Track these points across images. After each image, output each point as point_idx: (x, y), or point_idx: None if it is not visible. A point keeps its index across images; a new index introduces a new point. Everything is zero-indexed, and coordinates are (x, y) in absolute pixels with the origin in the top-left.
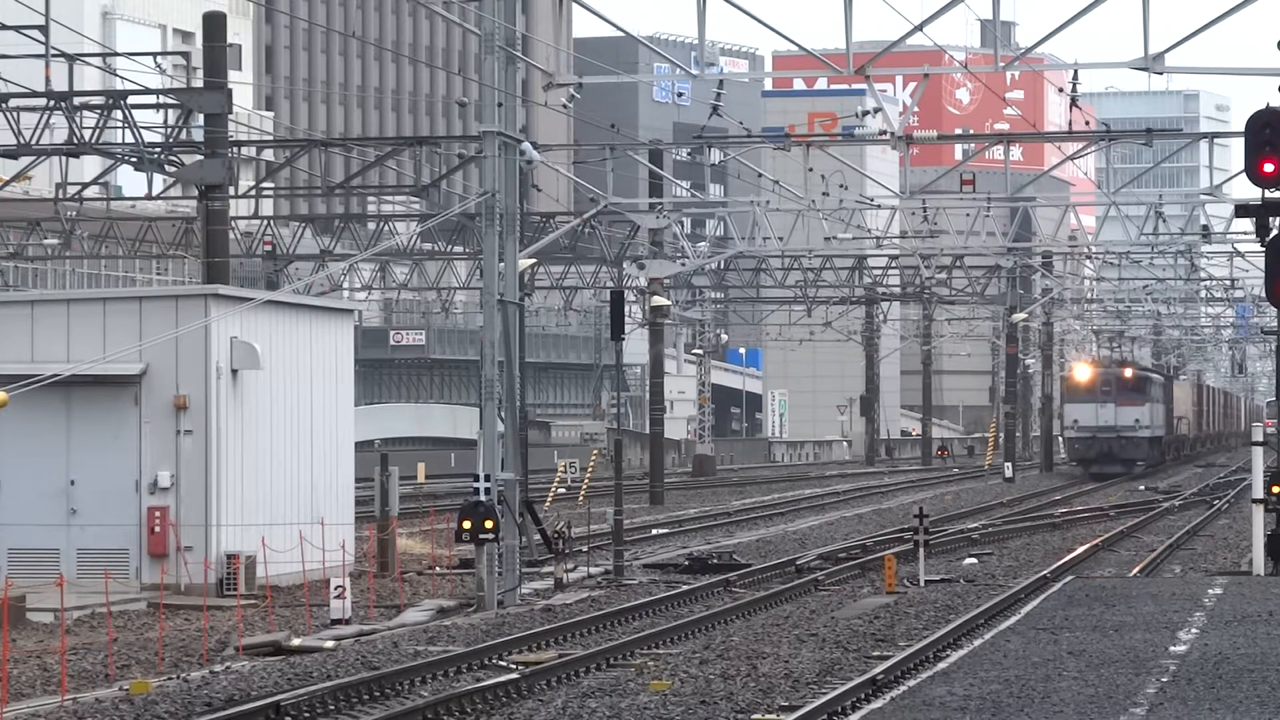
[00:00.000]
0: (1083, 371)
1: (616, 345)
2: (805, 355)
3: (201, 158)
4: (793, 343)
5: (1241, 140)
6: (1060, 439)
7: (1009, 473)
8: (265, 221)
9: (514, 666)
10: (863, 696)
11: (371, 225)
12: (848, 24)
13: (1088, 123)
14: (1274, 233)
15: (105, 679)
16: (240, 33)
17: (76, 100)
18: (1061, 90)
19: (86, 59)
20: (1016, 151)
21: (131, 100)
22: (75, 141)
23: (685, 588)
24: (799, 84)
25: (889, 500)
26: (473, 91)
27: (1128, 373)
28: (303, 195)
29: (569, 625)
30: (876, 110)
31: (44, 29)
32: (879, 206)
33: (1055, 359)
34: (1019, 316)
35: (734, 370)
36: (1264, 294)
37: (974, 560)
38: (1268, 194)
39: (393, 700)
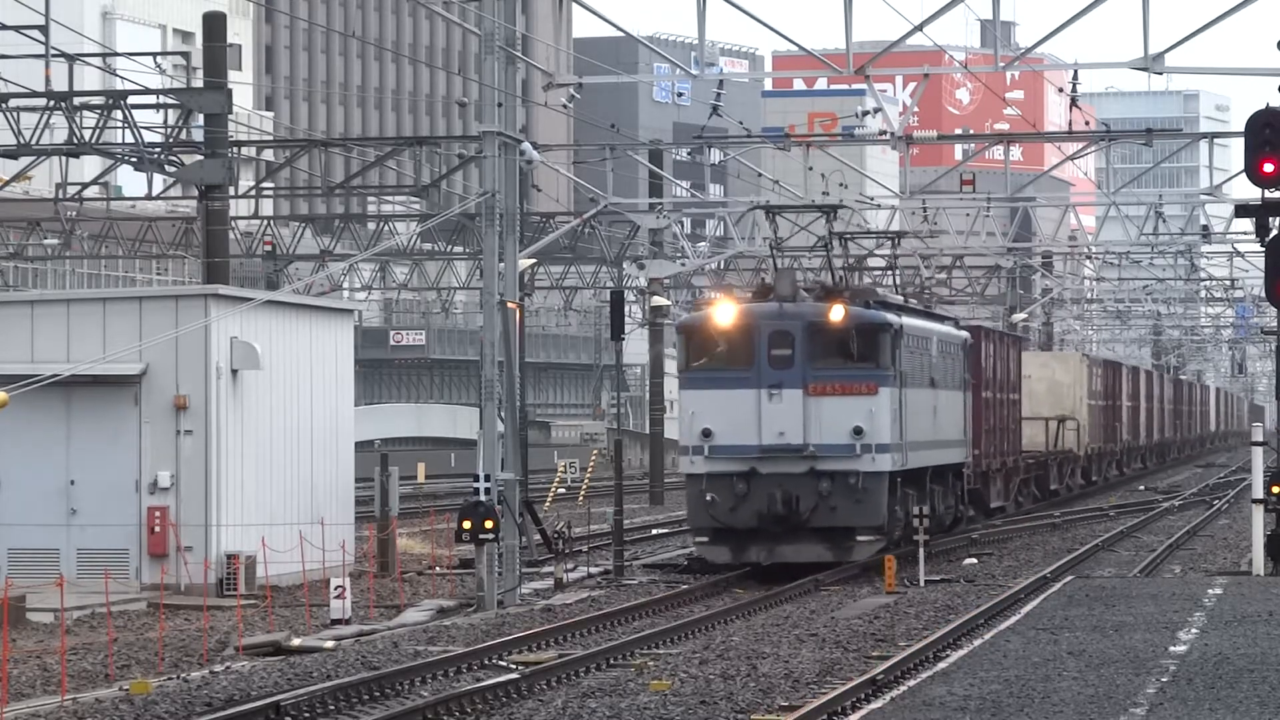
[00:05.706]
0: (725, 313)
1: (616, 345)
2: None
3: (201, 158)
4: None
5: (1241, 140)
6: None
7: None
8: (265, 221)
9: (514, 666)
10: (863, 696)
11: (371, 225)
12: (848, 24)
13: (1088, 123)
14: (1274, 233)
15: (105, 679)
16: (240, 33)
17: (76, 100)
18: (1061, 90)
19: (86, 59)
20: (1016, 151)
21: (131, 100)
22: (75, 141)
23: (685, 588)
24: (799, 84)
25: None
26: (473, 91)
27: (836, 312)
28: (303, 195)
29: (569, 625)
30: (876, 110)
31: (44, 29)
32: (879, 206)
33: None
34: (1019, 316)
35: None
36: (1264, 294)
37: (974, 560)
38: (1268, 194)
39: (393, 700)
